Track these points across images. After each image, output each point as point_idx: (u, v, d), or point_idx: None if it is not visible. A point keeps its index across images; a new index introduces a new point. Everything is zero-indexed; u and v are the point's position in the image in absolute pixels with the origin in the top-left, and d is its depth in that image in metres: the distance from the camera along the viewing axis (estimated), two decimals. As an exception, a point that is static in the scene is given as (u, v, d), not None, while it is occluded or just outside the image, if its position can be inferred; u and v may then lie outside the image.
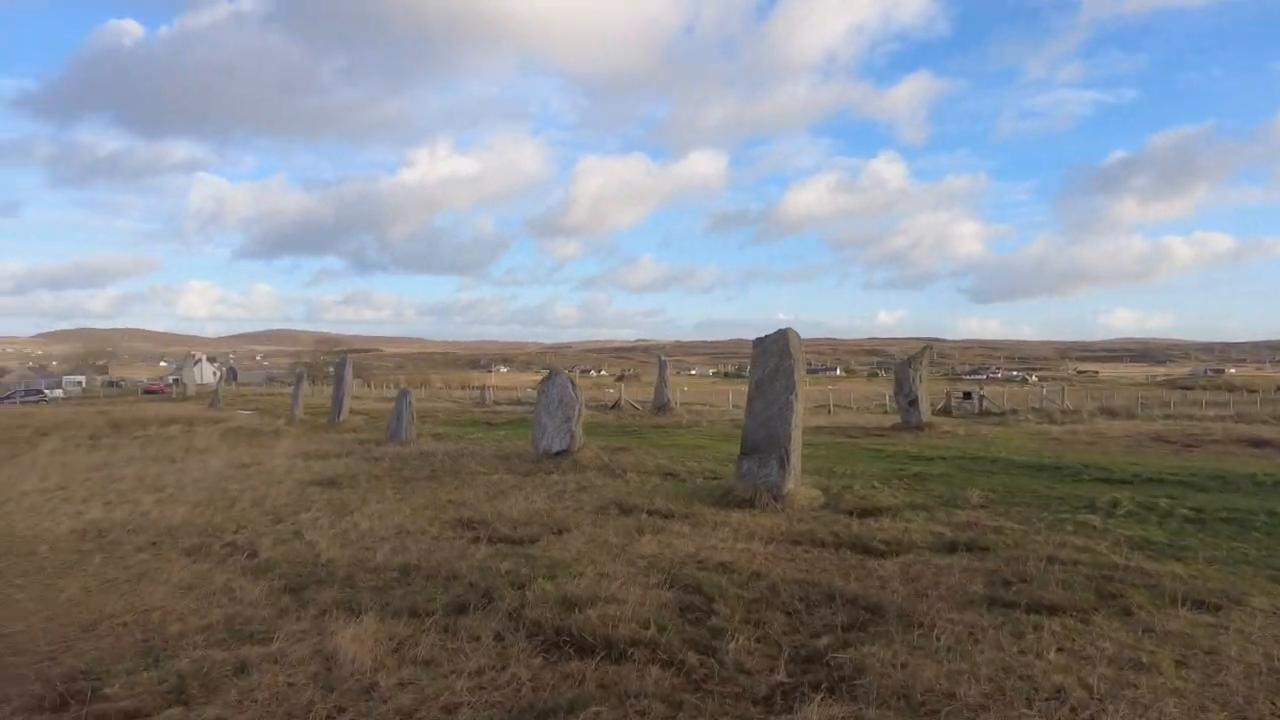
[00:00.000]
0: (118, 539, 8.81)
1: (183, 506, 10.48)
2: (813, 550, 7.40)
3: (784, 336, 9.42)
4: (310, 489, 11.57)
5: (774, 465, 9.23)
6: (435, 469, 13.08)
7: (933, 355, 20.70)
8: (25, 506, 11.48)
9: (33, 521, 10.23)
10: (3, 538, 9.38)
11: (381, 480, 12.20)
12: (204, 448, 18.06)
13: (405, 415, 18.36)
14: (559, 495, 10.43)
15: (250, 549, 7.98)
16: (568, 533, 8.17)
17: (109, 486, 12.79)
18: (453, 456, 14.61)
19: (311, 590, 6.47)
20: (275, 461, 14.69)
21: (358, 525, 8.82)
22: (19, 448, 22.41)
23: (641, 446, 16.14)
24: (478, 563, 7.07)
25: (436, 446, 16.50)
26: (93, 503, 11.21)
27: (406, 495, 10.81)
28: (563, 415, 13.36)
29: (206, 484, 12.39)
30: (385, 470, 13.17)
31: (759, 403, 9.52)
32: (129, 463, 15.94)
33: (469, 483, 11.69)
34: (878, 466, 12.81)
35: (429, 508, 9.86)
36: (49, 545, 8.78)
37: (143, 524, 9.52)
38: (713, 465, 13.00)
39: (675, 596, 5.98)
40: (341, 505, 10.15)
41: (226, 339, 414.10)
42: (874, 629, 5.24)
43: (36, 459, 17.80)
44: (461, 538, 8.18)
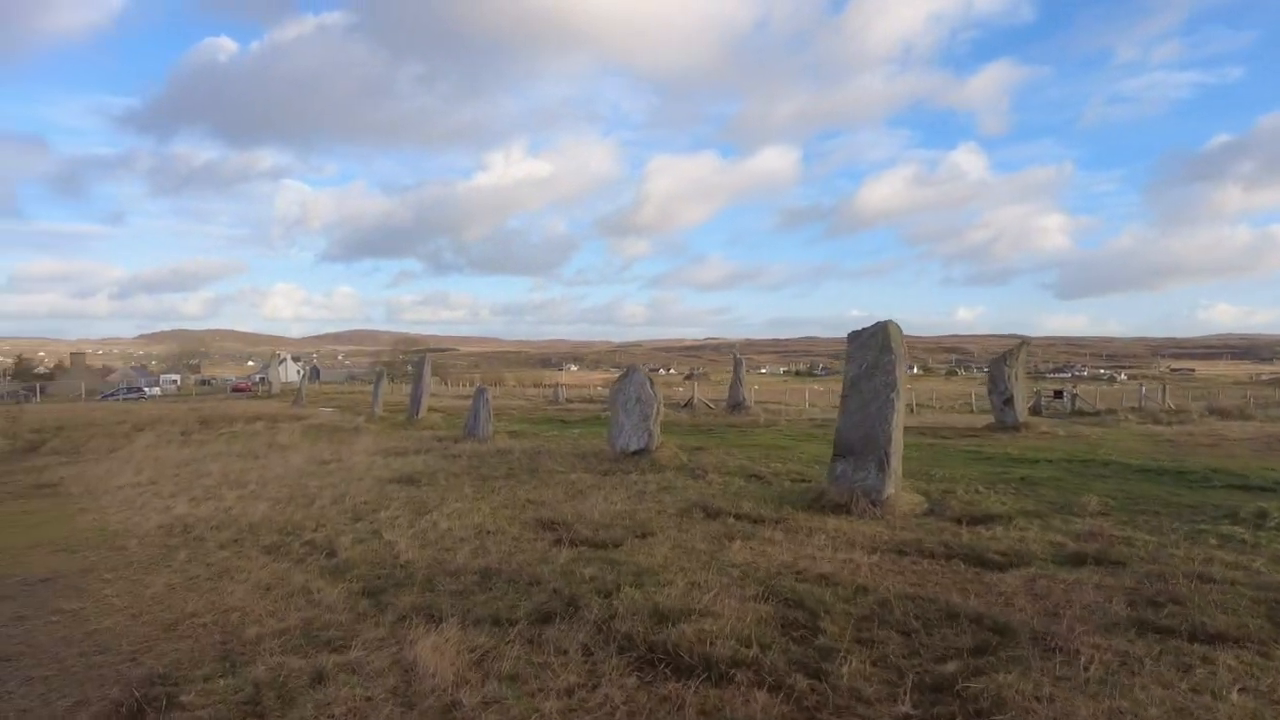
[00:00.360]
0: (202, 535, 8.80)
1: (264, 503, 10.49)
2: (921, 561, 6.77)
3: (884, 330, 8.77)
4: (389, 486, 11.48)
5: (872, 468, 8.60)
6: (513, 467, 12.85)
7: (1029, 352, 19.54)
8: (119, 500, 11.74)
9: (124, 516, 10.39)
10: (97, 532, 9.53)
11: (460, 478, 12.03)
12: (286, 444, 18.37)
13: (482, 413, 18.29)
14: (639, 496, 10.02)
15: (329, 548, 7.83)
16: (651, 536, 7.74)
17: (195, 482, 13.01)
18: (530, 455, 14.39)
19: (390, 593, 6.21)
20: (355, 458, 14.74)
21: (437, 525, 8.59)
22: (118, 441, 23.37)
23: (720, 446, 15.62)
24: (560, 567, 6.70)
25: (513, 444, 16.33)
26: (180, 498, 11.36)
27: (485, 494, 10.57)
28: (640, 413, 12.97)
29: (287, 481, 12.46)
30: (463, 468, 13.02)
31: (855, 400, 8.89)
32: (215, 458, 16.28)
33: (547, 482, 11.40)
34: (978, 469, 11.98)
35: (508, 507, 9.59)
36: (138, 540, 8.84)
37: (225, 520, 9.53)
38: (798, 467, 12.38)
39: (775, 611, 5.47)
40: (420, 503, 9.98)
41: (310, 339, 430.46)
42: (1006, 654, 4.62)
43: (132, 453, 18.43)
44: (542, 539, 7.85)
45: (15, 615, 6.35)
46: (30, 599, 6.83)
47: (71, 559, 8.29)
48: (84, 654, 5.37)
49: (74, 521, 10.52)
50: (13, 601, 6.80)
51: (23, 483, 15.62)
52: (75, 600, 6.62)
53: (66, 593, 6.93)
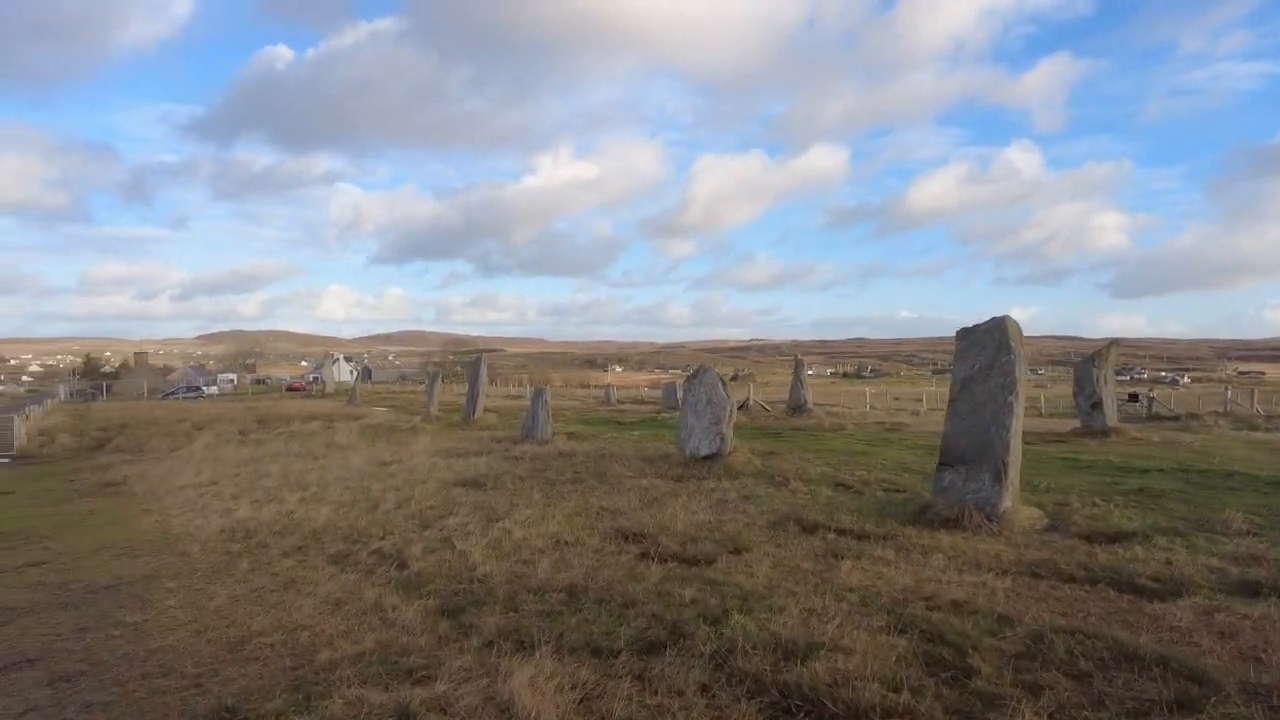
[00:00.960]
0: (264, 541, 8.40)
1: (326, 507, 10.09)
2: (1061, 586, 5.97)
3: (1001, 326, 7.94)
4: (454, 490, 11.00)
5: (986, 479, 7.79)
6: (579, 471, 12.29)
7: (1118, 353, 18.34)
8: (181, 502, 11.49)
9: (186, 519, 10.10)
10: (158, 536, 9.22)
11: (526, 482, 11.50)
12: (344, 444, 18.14)
13: (541, 414, 17.80)
14: (721, 505, 9.35)
15: (399, 558, 7.33)
16: (746, 552, 7.06)
17: (256, 483, 12.73)
18: (593, 458, 13.82)
19: (471, 613, 5.65)
20: (416, 460, 14.36)
21: (510, 534, 8.04)
22: (178, 440, 23.53)
23: (792, 451, 14.85)
24: (653, 586, 6.07)
25: (574, 446, 15.79)
26: (241, 500, 11.05)
27: (555, 500, 10.01)
28: (712, 416, 12.29)
29: (349, 483, 12.08)
30: (527, 471, 12.50)
31: (965, 404, 8.09)
32: (274, 459, 16.08)
33: (617, 488, 10.79)
34: (1083, 479, 11.02)
35: (581, 515, 9.01)
36: (200, 545, 8.49)
37: (288, 525, 9.13)
38: (886, 475, 11.57)
39: (913, 646, 4.75)
40: (489, 509, 9.46)
41: (361, 340, 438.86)
42: (1220, 711, 3.84)
43: (193, 453, 18.39)
44: (625, 553, 7.23)
45: (77, 627, 5.97)
46: (93, 608, 6.46)
47: (134, 564, 7.95)
48: (146, 676, 4.91)
49: (137, 523, 10.26)
50: (76, 610, 6.43)
51: (89, 481, 15.62)
52: (138, 612, 6.21)
53: (129, 602, 6.54)
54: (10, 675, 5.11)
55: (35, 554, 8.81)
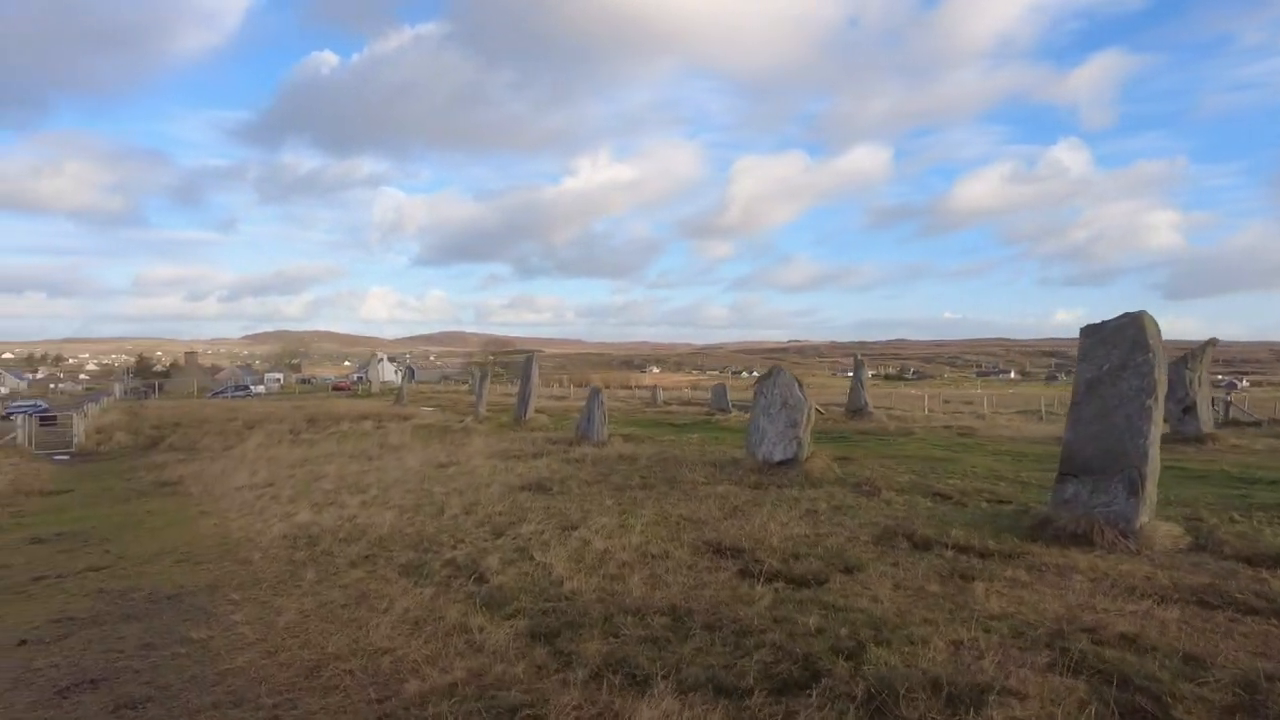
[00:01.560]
0: (329, 549, 7.93)
1: (390, 511, 9.63)
2: (1243, 619, 5.18)
3: (1135, 322, 7.12)
4: (520, 494, 10.48)
5: (1119, 491, 6.98)
6: (646, 476, 11.68)
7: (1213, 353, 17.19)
8: (238, 504, 11.14)
9: (245, 523, 9.71)
10: (219, 541, 8.83)
11: (593, 487, 10.93)
12: (398, 444, 17.79)
13: (597, 415, 17.25)
14: (812, 517, 8.66)
15: (475, 570, 6.79)
16: (859, 572, 6.38)
17: (313, 485, 12.37)
18: (658, 462, 13.21)
19: (567, 637, 5.07)
20: (474, 461, 13.89)
21: (590, 544, 7.45)
22: (230, 439, 23.50)
23: (867, 456, 14.09)
24: (766, 610, 5.43)
25: (634, 449, 15.20)
26: (300, 503, 10.66)
27: (628, 507, 9.42)
28: (787, 419, 11.59)
29: (409, 485, 11.64)
30: (592, 475, 11.93)
31: (1091, 408, 7.29)
32: (329, 459, 15.77)
33: (692, 494, 10.16)
34: (1201, 491, 10.08)
35: (660, 524, 8.39)
36: (261, 552, 8.05)
37: (352, 532, 8.67)
38: (981, 484, 10.76)
39: (1093, 690, 4.04)
40: (561, 516, 8.90)
41: (403, 340, 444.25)
42: None
43: (245, 452, 18.21)
44: (722, 569, 6.59)
45: (142, 643, 5.52)
46: (157, 621, 6.03)
47: (196, 572, 7.54)
48: (218, 705, 4.41)
49: (196, 526, 9.92)
50: (139, 623, 6.01)
51: (145, 480, 15.49)
52: (203, 627, 5.75)
53: (193, 615, 6.10)
54: (73, 698, 4.66)
55: (96, 557, 8.49)
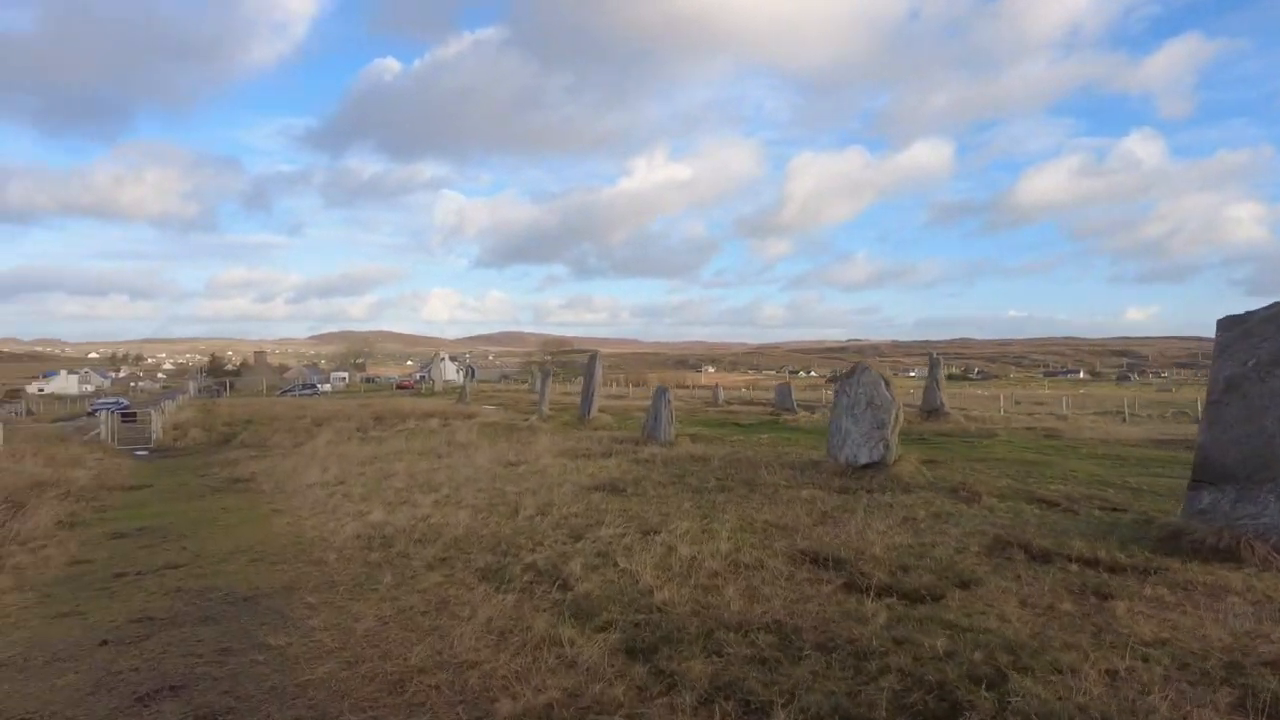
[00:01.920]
0: (405, 551, 7.69)
1: (464, 511, 9.38)
2: None
3: (1291, 310, 6.40)
4: (594, 495, 10.13)
5: (1269, 502, 6.26)
6: (722, 478, 11.22)
7: None
8: (310, 503, 11.06)
9: (318, 521, 9.59)
10: (292, 540, 8.69)
11: (667, 489, 10.52)
12: (465, 442, 17.69)
13: (664, 414, 16.85)
14: (910, 524, 8.09)
15: (557, 576, 6.44)
16: (977, 586, 5.82)
17: (384, 483, 12.25)
18: (731, 463, 12.73)
19: (665, 654, 4.66)
20: (543, 460, 13.63)
21: (675, 550, 7.04)
22: (300, 436, 23.84)
23: (951, 459, 13.36)
24: (882, 629, 4.93)
25: (704, 450, 14.74)
26: (372, 502, 10.51)
27: (709, 511, 8.98)
28: (873, 420, 10.98)
29: (481, 484, 11.41)
30: (665, 476, 11.53)
31: (1234, 409, 6.56)
32: (398, 457, 15.72)
33: (775, 499, 9.67)
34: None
35: (747, 530, 7.93)
36: (336, 552, 7.86)
37: (427, 532, 8.44)
38: (1089, 490, 10.01)
39: (1296, 738, 3.45)
40: (640, 519, 8.51)
41: (462, 340, 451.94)
42: None
43: (315, 449, 18.35)
44: (824, 581, 6.10)
45: (219, 647, 5.32)
46: (234, 624, 5.84)
47: (271, 572, 7.38)
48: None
49: (269, 524, 9.84)
50: (216, 626, 5.82)
51: (219, 476, 15.67)
52: (281, 632, 5.52)
53: (270, 619, 5.89)
54: (152, 706, 4.45)
55: (173, 554, 8.43)
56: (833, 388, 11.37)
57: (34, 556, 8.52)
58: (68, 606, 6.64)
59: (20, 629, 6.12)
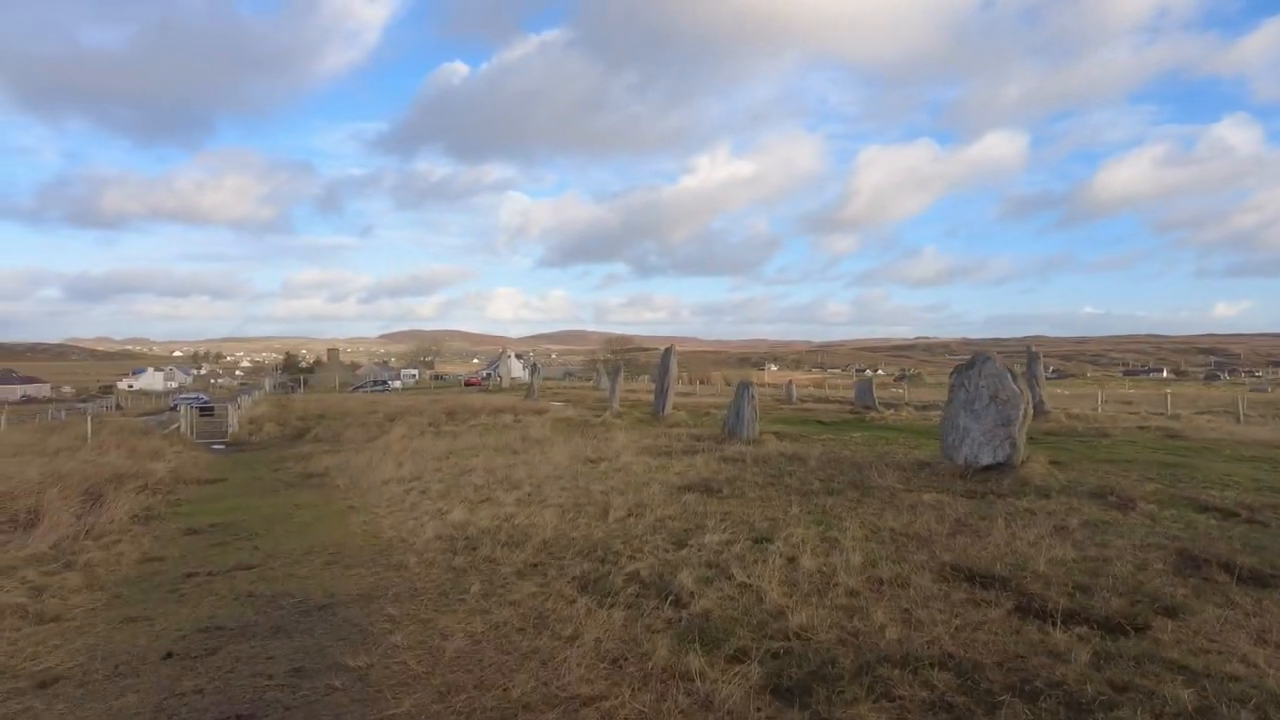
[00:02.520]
0: (491, 555, 6.99)
1: (549, 510, 8.66)
2: None
3: None
4: (687, 496, 9.29)
5: None
6: (826, 480, 10.24)
7: None
8: (386, 499, 10.52)
9: (396, 520, 9.00)
10: (369, 541, 8.10)
11: (766, 490, 9.61)
12: (540, 438, 17.05)
13: (747, 411, 15.89)
14: (1063, 534, 6.99)
15: (667, 590, 5.62)
16: (1185, 614, 4.77)
17: (461, 479, 11.66)
18: (831, 463, 11.72)
19: (822, 696, 3.80)
20: (624, 458, 12.85)
21: (797, 562, 6.15)
22: (372, 431, 23.65)
23: (1075, 460, 12.05)
24: (1087, 669, 3.96)
25: (797, 449, 13.74)
26: (451, 499, 9.90)
27: (822, 517, 8.04)
28: (997, 416, 9.83)
29: (563, 482, 10.69)
30: (761, 477, 10.61)
31: None
32: (473, 452, 15.17)
33: (893, 503, 8.66)
34: None
35: (874, 540, 6.97)
36: (416, 555, 7.21)
37: (512, 534, 7.73)
38: (1263, 497, 8.70)
39: None
40: (745, 524, 7.63)
41: (526, 339, 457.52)
42: None
43: (389, 445, 17.98)
44: (988, 604, 5.12)
45: (292, 667, 4.67)
46: (308, 638, 5.20)
47: (347, 577, 6.76)
48: (386, 770, 3.40)
49: (344, 522, 9.30)
50: (288, 639, 5.19)
51: (293, 471, 15.38)
52: (360, 651, 4.84)
53: (347, 633, 5.23)
54: (215, 740, 3.80)
55: (245, 554, 7.93)
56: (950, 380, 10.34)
57: (107, 553, 8.13)
58: (135, 610, 6.13)
59: (85, 635, 5.61)
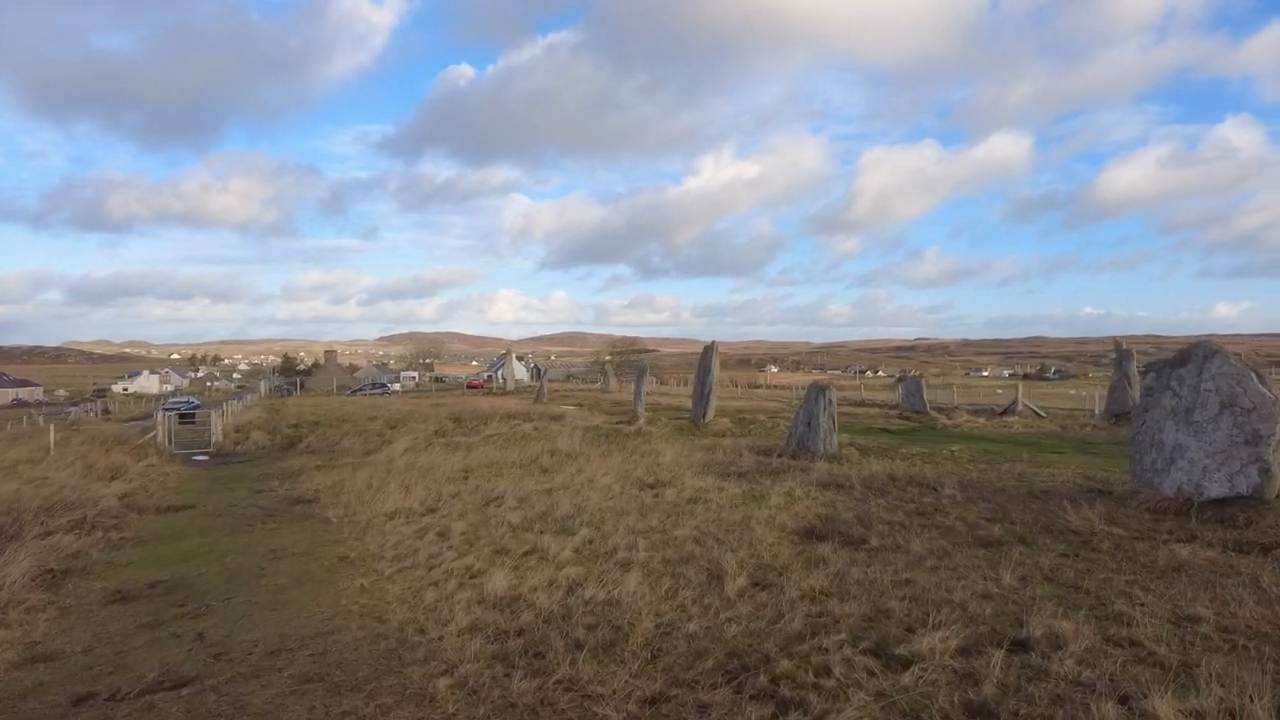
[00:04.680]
0: (572, 675, 4.26)
1: (631, 574, 5.94)
2: None
3: None
4: (817, 548, 6.56)
5: None
6: (994, 519, 7.53)
7: None
8: (393, 545, 7.79)
9: (408, 586, 6.27)
10: (372, 629, 5.35)
11: (927, 537, 6.88)
12: (570, 451, 14.31)
13: (824, 420, 13.13)
14: None
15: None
16: None
17: (489, 512, 8.97)
18: (973, 490, 9.02)
19: None
20: (687, 480, 10.13)
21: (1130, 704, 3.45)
22: (373, 441, 20.95)
23: None
24: None
25: (904, 469, 11.04)
26: (482, 548, 7.20)
27: (1064, 593, 5.32)
28: (1233, 431, 7.11)
29: (628, 520, 7.97)
30: (898, 514, 7.90)
31: None
32: (495, 471, 12.48)
33: (1138, 561, 5.93)
34: None
35: (1206, 648, 4.27)
36: (446, 669, 4.49)
37: (591, 620, 5.04)
38: None
39: None
40: (954, 607, 4.91)
41: (525, 341, 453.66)
42: None
43: (392, 459, 15.29)
44: None
45: None
46: None
47: (331, 707, 4.07)
48: None
49: (334, 587, 6.58)
50: None
51: (277, 494, 12.68)
52: None
53: None
54: None
55: (181, 651, 5.22)
56: (1144, 380, 7.60)
57: (-22, 643, 5.44)
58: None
59: None
